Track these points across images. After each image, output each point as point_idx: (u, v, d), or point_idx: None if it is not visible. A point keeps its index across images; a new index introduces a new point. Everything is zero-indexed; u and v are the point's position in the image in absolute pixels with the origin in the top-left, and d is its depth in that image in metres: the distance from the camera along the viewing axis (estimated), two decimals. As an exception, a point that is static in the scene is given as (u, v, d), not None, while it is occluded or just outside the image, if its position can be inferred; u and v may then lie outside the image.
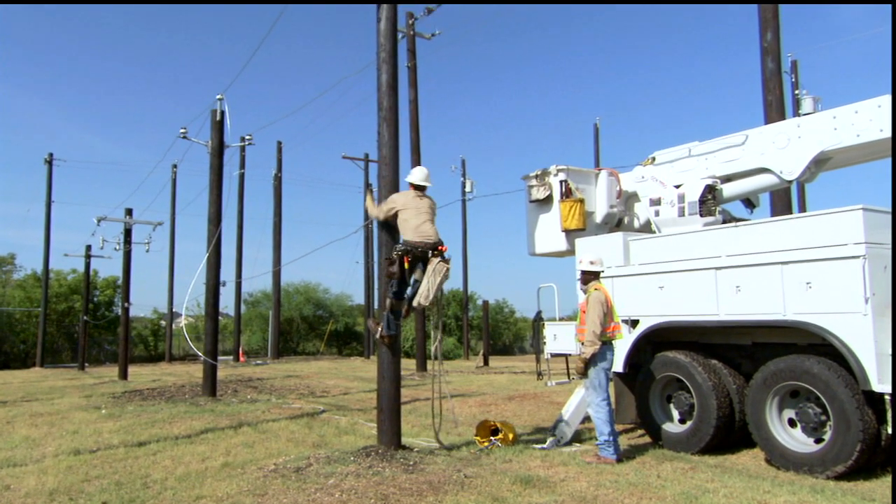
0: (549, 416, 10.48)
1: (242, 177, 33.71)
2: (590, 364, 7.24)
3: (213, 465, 7.15)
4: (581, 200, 9.25)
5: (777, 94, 12.08)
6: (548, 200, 9.58)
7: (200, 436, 9.15)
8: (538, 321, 9.88)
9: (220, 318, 23.42)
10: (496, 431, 8.15)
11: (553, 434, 8.21)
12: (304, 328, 46.99)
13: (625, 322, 8.18)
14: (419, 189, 7.81)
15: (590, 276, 7.55)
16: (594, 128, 33.19)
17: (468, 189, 33.21)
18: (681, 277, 7.77)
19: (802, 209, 20.92)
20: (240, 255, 35.13)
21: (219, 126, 14.94)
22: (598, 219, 9.55)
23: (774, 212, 11.94)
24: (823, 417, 6.58)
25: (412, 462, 6.81)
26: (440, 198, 7.87)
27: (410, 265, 7.39)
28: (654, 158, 9.22)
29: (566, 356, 9.43)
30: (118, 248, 24.11)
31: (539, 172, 9.70)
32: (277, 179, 36.71)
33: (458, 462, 6.92)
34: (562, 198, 9.31)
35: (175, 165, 37.70)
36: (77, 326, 36.21)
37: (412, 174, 7.93)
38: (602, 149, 33.22)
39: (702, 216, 8.26)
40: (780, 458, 6.78)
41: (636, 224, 9.66)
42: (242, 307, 39.73)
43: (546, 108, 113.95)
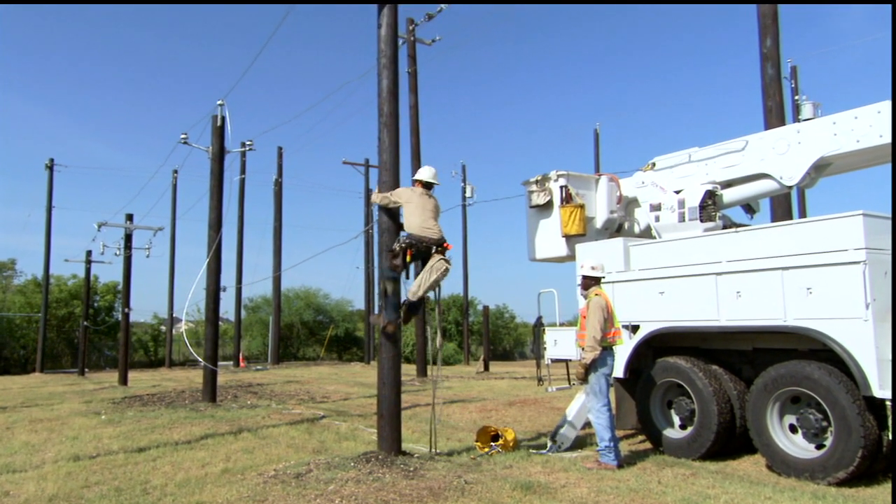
0: (550, 422, 10.46)
1: (243, 182, 33.72)
2: (590, 369, 7.23)
3: (213, 471, 7.13)
4: (581, 206, 9.25)
5: (777, 100, 12.10)
6: (548, 206, 9.58)
7: (200, 441, 9.13)
8: (538, 326, 9.87)
9: (221, 324, 23.37)
10: (497, 437, 8.13)
11: (554, 440, 8.19)
12: (305, 333, 46.97)
13: (625, 327, 8.17)
14: (427, 187, 7.82)
15: (590, 282, 7.55)
16: (594, 133, 33.28)
17: (468, 194, 33.13)
18: (681, 283, 7.76)
19: (803, 215, 20.94)
20: (240, 261, 35.18)
21: (219, 131, 14.97)
22: (599, 224, 9.55)
23: (775, 217, 11.95)
24: (824, 423, 6.57)
25: (412, 468, 6.78)
26: (441, 203, 7.89)
27: (413, 259, 7.39)
28: (655, 164, 9.23)
29: (567, 361, 9.42)
30: (119, 254, 24.15)
31: (539, 178, 9.71)
32: (278, 185, 36.74)
33: (459, 468, 6.89)
34: (562, 203, 9.32)
35: (176, 171, 37.79)
36: (77, 332, 36.20)
37: (420, 172, 7.93)
38: (602, 154, 33.31)
39: (702, 221, 8.26)
40: (782, 464, 6.76)
41: (636, 229, 9.66)
42: (243, 312, 39.71)
43: (546, 114, 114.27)
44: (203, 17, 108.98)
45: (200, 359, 15.12)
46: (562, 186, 9.36)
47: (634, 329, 8.25)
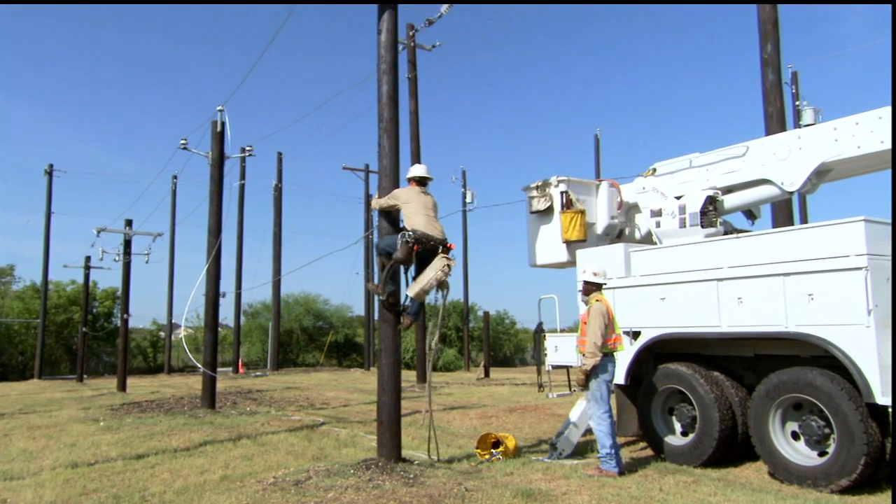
0: (551, 429, 10.42)
1: (243, 187, 33.78)
2: (591, 376, 7.20)
3: (212, 479, 7.09)
4: (582, 211, 9.24)
5: (777, 106, 12.10)
6: (549, 211, 9.57)
7: (199, 448, 9.09)
8: (539, 332, 9.85)
9: (220, 330, 23.39)
10: (497, 444, 8.10)
11: (554, 447, 8.16)
12: (304, 339, 46.88)
13: (626, 334, 8.15)
14: (421, 183, 7.80)
15: (591, 288, 7.53)
16: (595, 139, 33.30)
17: (469, 200, 33.21)
18: (682, 289, 7.74)
19: (804, 220, 20.91)
20: (240, 266, 35.15)
21: (219, 137, 14.97)
22: (599, 230, 9.53)
23: (776, 223, 11.93)
24: (827, 430, 6.54)
25: (412, 475, 6.75)
26: (441, 208, 7.87)
27: (418, 255, 7.37)
28: (655, 169, 9.22)
29: (567, 368, 9.39)
30: (118, 259, 24.11)
31: (540, 183, 9.70)
32: (278, 190, 36.75)
33: (459, 475, 6.86)
34: (563, 209, 9.30)
35: (175, 176, 37.81)
36: (76, 338, 36.11)
37: (413, 170, 7.95)
38: (603, 159, 33.36)
39: (703, 227, 8.25)
40: (784, 472, 6.72)
41: (637, 235, 9.65)
42: (242, 318, 39.66)
43: (547, 119, 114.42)
44: (202, 22, 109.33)
45: (199, 365, 15.07)
46: (562, 192, 9.35)
47: (635, 335, 8.22)
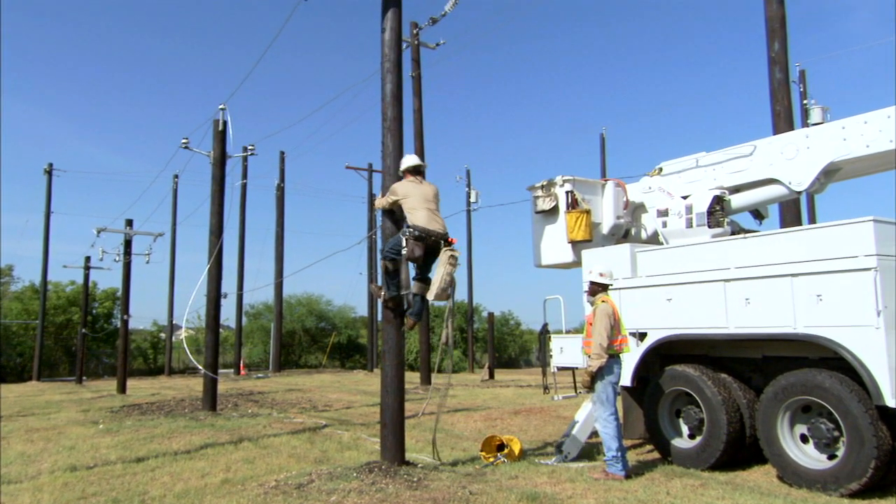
0: (556, 431, 10.34)
1: (244, 187, 33.76)
2: (597, 378, 7.12)
3: (213, 482, 7.02)
4: (587, 211, 9.15)
5: (785, 105, 12.02)
6: (554, 211, 9.48)
7: (200, 451, 9.01)
8: (544, 334, 9.76)
9: (221, 331, 23.27)
10: (502, 447, 8.01)
11: (560, 449, 8.08)
12: (307, 341, 46.82)
13: (632, 335, 8.06)
14: (416, 173, 7.68)
15: (597, 288, 7.45)
16: (600, 138, 33.26)
17: (473, 199, 33.22)
18: (689, 289, 7.65)
19: (812, 220, 20.86)
20: (241, 267, 35.06)
21: (221, 136, 14.90)
22: (605, 230, 9.45)
23: (784, 223, 11.86)
24: (836, 433, 6.45)
25: (416, 478, 6.67)
26: (445, 208, 7.80)
27: (422, 253, 7.30)
28: (662, 169, 9.14)
29: (573, 369, 9.30)
30: (118, 260, 24.04)
31: (545, 183, 9.61)
32: (280, 190, 36.70)
33: (464, 478, 6.77)
34: (568, 209, 9.21)
35: (176, 176, 37.82)
36: (75, 339, 36.06)
37: (403, 162, 7.75)
38: (609, 159, 33.37)
39: (710, 227, 8.18)
40: (793, 475, 6.63)
41: (643, 235, 9.55)
42: (244, 319, 39.66)
43: (552, 118, 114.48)
44: (204, 21, 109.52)
45: (200, 366, 15.00)
46: (568, 192, 9.26)
47: (642, 336, 8.14)
